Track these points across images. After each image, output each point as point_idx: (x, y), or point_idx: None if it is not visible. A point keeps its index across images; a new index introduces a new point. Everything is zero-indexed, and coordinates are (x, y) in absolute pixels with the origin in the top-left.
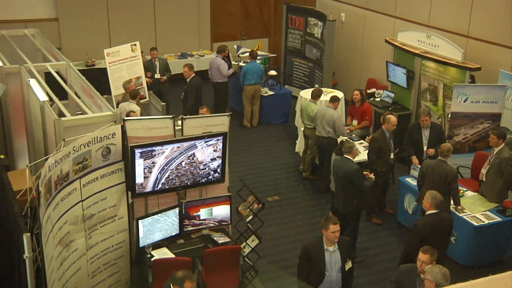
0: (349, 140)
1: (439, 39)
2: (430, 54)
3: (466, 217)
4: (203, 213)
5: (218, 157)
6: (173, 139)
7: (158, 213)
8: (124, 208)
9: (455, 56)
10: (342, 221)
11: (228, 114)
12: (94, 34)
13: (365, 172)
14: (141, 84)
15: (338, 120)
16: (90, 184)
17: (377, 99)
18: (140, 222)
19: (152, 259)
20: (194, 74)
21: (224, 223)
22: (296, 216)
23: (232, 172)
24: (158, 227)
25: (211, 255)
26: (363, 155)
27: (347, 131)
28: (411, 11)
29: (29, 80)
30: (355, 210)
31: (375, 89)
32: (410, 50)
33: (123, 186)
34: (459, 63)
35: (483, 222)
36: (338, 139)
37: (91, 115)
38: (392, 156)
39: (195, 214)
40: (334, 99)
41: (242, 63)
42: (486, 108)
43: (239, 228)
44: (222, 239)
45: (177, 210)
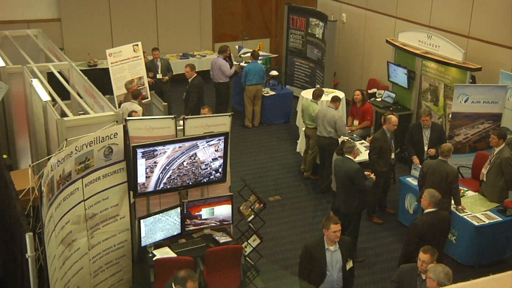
0: (350, 140)
1: (439, 40)
2: (431, 54)
3: (467, 217)
4: (204, 212)
5: (219, 157)
6: (175, 139)
7: (159, 212)
8: (126, 208)
9: (456, 56)
10: (343, 220)
11: (229, 114)
12: (96, 35)
13: (366, 172)
14: (143, 84)
15: (339, 120)
16: (92, 184)
17: (378, 99)
18: (142, 221)
19: (154, 259)
20: (196, 74)
21: (225, 222)
22: (297, 215)
23: (234, 172)
24: (160, 226)
25: (212, 255)
26: (364, 155)
27: (348, 131)
28: (412, 11)
29: (31, 80)
30: (356, 210)
31: (376, 89)
32: (411, 51)
33: (125, 186)
34: (460, 64)
35: (484, 222)
36: (339, 139)
37: (93, 115)
38: (393, 156)
39: (196, 213)
40: (335, 99)
41: (243, 63)
42: (486, 108)
43: (240, 228)
44: (223, 238)
45: (178, 209)
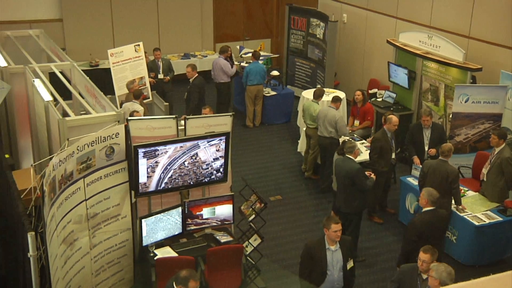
0: (350, 140)
1: (440, 40)
2: (431, 54)
3: (467, 216)
4: (205, 212)
5: (220, 156)
6: (176, 139)
7: (161, 212)
8: (127, 207)
9: (456, 56)
10: (344, 220)
11: (230, 114)
12: (98, 35)
13: (366, 172)
14: (144, 84)
15: (340, 120)
16: (94, 184)
17: (378, 100)
18: (143, 221)
19: (155, 258)
20: (197, 75)
21: (226, 222)
22: (298, 215)
23: (235, 171)
24: (161, 226)
25: (213, 254)
26: (364, 155)
27: (349, 131)
28: (413, 12)
29: (33, 80)
30: (357, 209)
31: (377, 89)
32: (411, 51)
33: (127, 186)
34: (460, 64)
35: (484, 221)
36: (340, 139)
37: (95, 115)
38: (393, 156)
39: (197, 213)
40: (336, 99)
41: (244, 64)
42: (487, 108)
43: (241, 227)
44: (224, 238)
45: (180, 209)
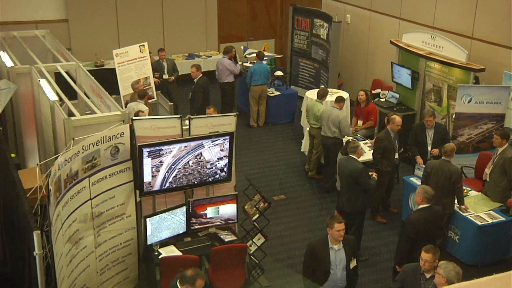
0: (354, 140)
1: (443, 41)
2: (434, 55)
3: (470, 216)
4: (210, 211)
5: (224, 156)
6: (180, 139)
7: (165, 211)
8: (132, 207)
9: (459, 57)
10: (347, 220)
11: (234, 114)
12: (103, 35)
13: (369, 172)
14: (149, 84)
15: (343, 120)
16: (99, 183)
17: (382, 100)
18: (148, 220)
19: (159, 257)
20: (202, 75)
21: (230, 221)
22: (302, 215)
23: (239, 171)
24: (166, 225)
25: (217, 253)
26: (368, 155)
27: (352, 131)
28: (416, 12)
29: (39, 80)
30: (360, 209)
31: (380, 89)
32: (414, 51)
33: (131, 185)
34: (463, 64)
35: (487, 221)
36: (344, 139)
37: (100, 114)
38: (396, 156)
39: (202, 212)
40: (340, 100)
41: (248, 64)
42: (490, 108)
43: (245, 227)
44: (228, 237)
45: (184, 208)
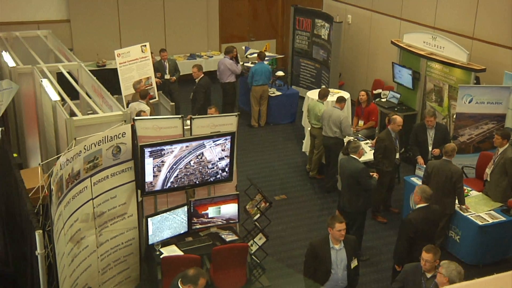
0: (355, 140)
1: (444, 41)
2: (435, 55)
3: (471, 216)
4: (211, 211)
5: (226, 156)
6: (182, 139)
7: (167, 211)
8: (133, 206)
9: (460, 57)
10: (348, 219)
11: (236, 114)
12: (105, 35)
13: (370, 172)
14: (150, 84)
15: (344, 120)
16: (101, 183)
17: (383, 100)
18: (149, 220)
19: (161, 256)
20: (203, 75)
21: (232, 221)
22: (303, 214)
23: (240, 171)
24: (167, 225)
25: (219, 253)
26: (369, 155)
27: (353, 131)
28: (417, 13)
29: (41, 80)
30: (361, 209)
31: (381, 89)
32: (415, 52)
33: (133, 185)
34: (464, 65)
35: (488, 221)
36: (345, 139)
37: (101, 114)
38: (397, 156)
39: (203, 212)
40: (341, 100)
41: (250, 64)
42: (490, 109)
43: (246, 226)
44: (230, 237)
45: (185, 208)
